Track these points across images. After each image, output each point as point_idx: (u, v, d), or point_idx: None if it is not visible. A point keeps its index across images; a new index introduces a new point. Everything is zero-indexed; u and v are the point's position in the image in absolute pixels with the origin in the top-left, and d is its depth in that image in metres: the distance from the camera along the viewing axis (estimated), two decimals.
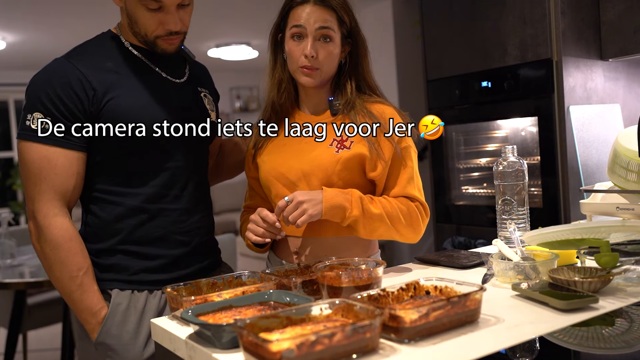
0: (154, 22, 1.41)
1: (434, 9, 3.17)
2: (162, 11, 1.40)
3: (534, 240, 1.38)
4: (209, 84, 1.68)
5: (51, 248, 1.38)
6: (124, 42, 1.49)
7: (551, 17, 2.56)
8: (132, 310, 1.43)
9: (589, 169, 2.60)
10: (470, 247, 2.85)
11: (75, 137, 1.39)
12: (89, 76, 1.38)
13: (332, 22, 1.50)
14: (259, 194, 1.64)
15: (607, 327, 1.06)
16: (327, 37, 1.49)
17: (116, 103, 1.40)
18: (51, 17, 4.45)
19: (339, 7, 1.51)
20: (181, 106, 1.50)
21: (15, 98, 7.04)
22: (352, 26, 1.55)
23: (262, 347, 0.86)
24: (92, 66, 1.41)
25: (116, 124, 1.39)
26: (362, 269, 1.26)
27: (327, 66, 1.51)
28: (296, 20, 1.49)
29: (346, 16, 1.53)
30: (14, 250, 3.19)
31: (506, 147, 1.58)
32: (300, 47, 1.49)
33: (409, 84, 4.26)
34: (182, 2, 1.41)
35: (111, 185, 1.44)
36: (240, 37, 5.56)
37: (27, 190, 1.40)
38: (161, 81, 1.50)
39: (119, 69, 1.44)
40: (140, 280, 1.45)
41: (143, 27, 1.42)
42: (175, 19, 1.42)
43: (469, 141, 3.19)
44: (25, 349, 3.57)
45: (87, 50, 1.46)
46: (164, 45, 1.46)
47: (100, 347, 1.41)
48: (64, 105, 1.36)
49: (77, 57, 1.42)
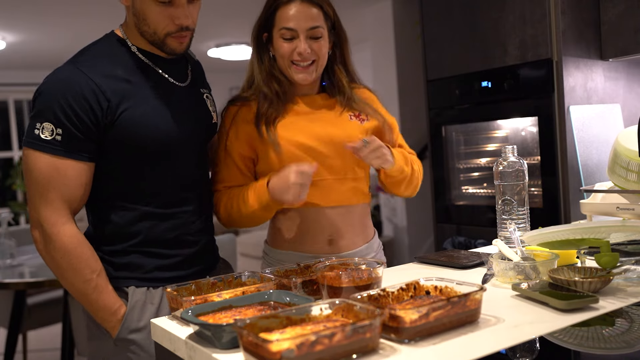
0: (164, 17, 1.40)
1: (434, 9, 3.17)
2: (173, 5, 1.39)
3: (534, 240, 1.38)
4: (206, 82, 1.68)
5: (62, 255, 1.38)
6: (131, 46, 1.47)
7: (551, 17, 2.56)
8: (148, 306, 1.45)
9: (589, 169, 2.60)
10: (470, 247, 2.85)
11: (86, 148, 1.38)
12: (102, 86, 1.37)
13: (319, 18, 1.55)
14: (244, 174, 1.60)
15: (607, 327, 1.06)
16: (318, 36, 1.54)
17: (130, 114, 1.39)
18: (51, 17, 4.45)
19: (323, 2, 1.56)
20: (189, 111, 1.51)
21: (15, 98, 7.03)
22: (335, 18, 1.61)
23: (262, 347, 0.86)
24: (104, 75, 1.39)
25: (129, 134, 1.39)
26: (362, 269, 1.26)
27: (322, 59, 1.58)
28: (285, 22, 1.52)
29: (330, 9, 1.59)
30: (14, 250, 3.19)
31: (506, 147, 1.58)
32: (292, 45, 1.53)
33: (409, 84, 4.26)
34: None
35: (124, 191, 1.45)
36: (240, 37, 5.55)
37: (31, 199, 1.39)
38: (169, 87, 1.49)
39: (130, 76, 1.43)
40: (154, 278, 1.47)
41: (153, 23, 1.41)
42: (185, 13, 1.41)
43: (469, 141, 3.19)
44: (25, 349, 3.57)
45: (95, 56, 1.43)
46: (174, 44, 1.44)
47: (122, 343, 1.42)
48: (76, 117, 1.34)
49: (88, 65, 1.40)
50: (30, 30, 4.84)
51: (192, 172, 1.52)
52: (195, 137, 1.52)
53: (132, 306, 1.43)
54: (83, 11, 4.26)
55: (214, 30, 5.06)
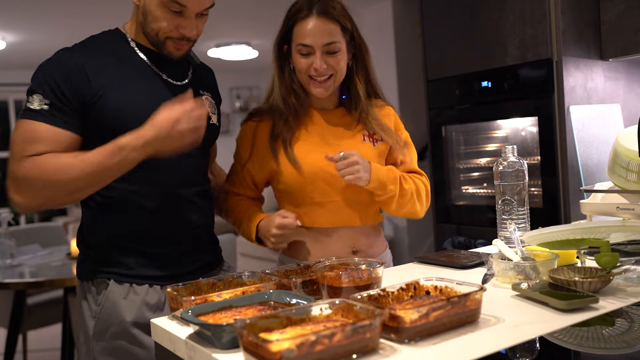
0: (171, 24, 1.43)
1: (434, 9, 3.17)
2: (182, 16, 1.42)
3: (534, 240, 1.38)
4: (213, 88, 1.68)
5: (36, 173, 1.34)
6: (130, 41, 1.50)
7: (551, 17, 2.56)
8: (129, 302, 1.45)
9: (589, 169, 2.60)
10: (470, 247, 2.85)
11: (71, 121, 1.39)
12: (88, 67, 1.40)
13: (336, 33, 1.53)
14: (250, 186, 1.67)
15: (607, 327, 1.06)
16: (335, 50, 1.54)
17: (111, 98, 1.40)
18: (51, 17, 4.45)
19: (340, 16, 1.54)
20: None
21: (15, 98, 7.03)
22: (353, 30, 1.58)
23: (262, 347, 0.86)
24: (94, 57, 1.43)
25: (108, 119, 1.40)
26: (362, 269, 1.26)
27: (340, 73, 1.58)
28: (302, 38, 1.52)
29: (348, 22, 1.56)
30: (14, 250, 3.19)
31: (506, 147, 1.58)
32: (308, 61, 1.54)
33: (409, 84, 4.26)
34: (203, 11, 1.44)
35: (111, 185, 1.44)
36: (240, 37, 5.56)
37: (9, 161, 1.40)
38: (161, 83, 1.49)
39: (120, 64, 1.45)
40: (137, 275, 1.46)
41: (157, 26, 1.43)
42: (192, 26, 1.44)
43: (469, 141, 3.19)
44: (25, 349, 3.57)
45: (92, 44, 1.47)
46: (171, 49, 1.47)
47: (137, 326, 1.44)
48: (60, 90, 1.38)
49: (80, 48, 1.45)
50: (30, 30, 4.84)
51: (180, 171, 1.50)
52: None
53: (112, 300, 1.43)
54: (83, 11, 4.26)
55: (214, 30, 5.06)
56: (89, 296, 1.48)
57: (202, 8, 1.43)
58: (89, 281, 1.48)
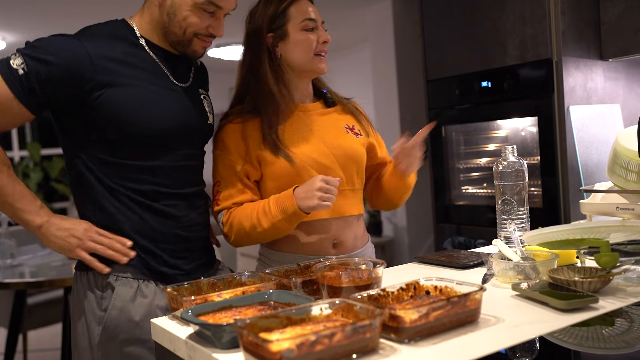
0: (202, 24, 1.45)
1: (434, 9, 3.17)
2: (214, 16, 1.47)
3: (534, 240, 1.38)
4: (207, 84, 1.69)
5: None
6: (140, 37, 1.48)
7: (551, 17, 2.56)
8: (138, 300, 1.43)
9: (589, 169, 2.60)
10: (470, 247, 2.85)
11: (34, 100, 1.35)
12: (95, 59, 1.37)
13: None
14: (252, 188, 1.58)
15: (607, 327, 1.06)
16: (325, 29, 1.63)
17: (114, 94, 1.38)
18: (51, 17, 4.45)
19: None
20: (180, 108, 1.50)
21: None
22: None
23: (262, 347, 0.86)
24: (101, 47, 1.39)
25: (110, 115, 1.38)
26: (362, 269, 1.26)
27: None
28: (306, 14, 1.58)
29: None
30: (14, 250, 3.19)
31: (506, 147, 1.58)
32: (314, 35, 1.58)
33: (409, 84, 4.25)
34: (229, 11, 1.50)
35: (111, 181, 1.44)
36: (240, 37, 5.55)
37: None
38: (166, 82, 1.49)
39: (127, 59, 1.43)
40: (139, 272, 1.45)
41: (186, 24, 1.44)
42: (221, 25, 1.49)
43: (469, 141, 3.19)
44: (25, 349, 3.57)
45: (98, 34, 1.44)
46: (197, 47, 1.49)
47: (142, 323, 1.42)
48: (47, 77, 1.34)
49: (85, 36, 1.41)
50: (30, 30, 4.84)
51: (182, 170, 1.50)
52: (185, 134, 1.50)
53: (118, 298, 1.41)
54: (83, 11, 4.26)
55: None
56: (90, 295, 1.46)
57: (233, 7, 1.49)
58: (88, 272, 1.46)
